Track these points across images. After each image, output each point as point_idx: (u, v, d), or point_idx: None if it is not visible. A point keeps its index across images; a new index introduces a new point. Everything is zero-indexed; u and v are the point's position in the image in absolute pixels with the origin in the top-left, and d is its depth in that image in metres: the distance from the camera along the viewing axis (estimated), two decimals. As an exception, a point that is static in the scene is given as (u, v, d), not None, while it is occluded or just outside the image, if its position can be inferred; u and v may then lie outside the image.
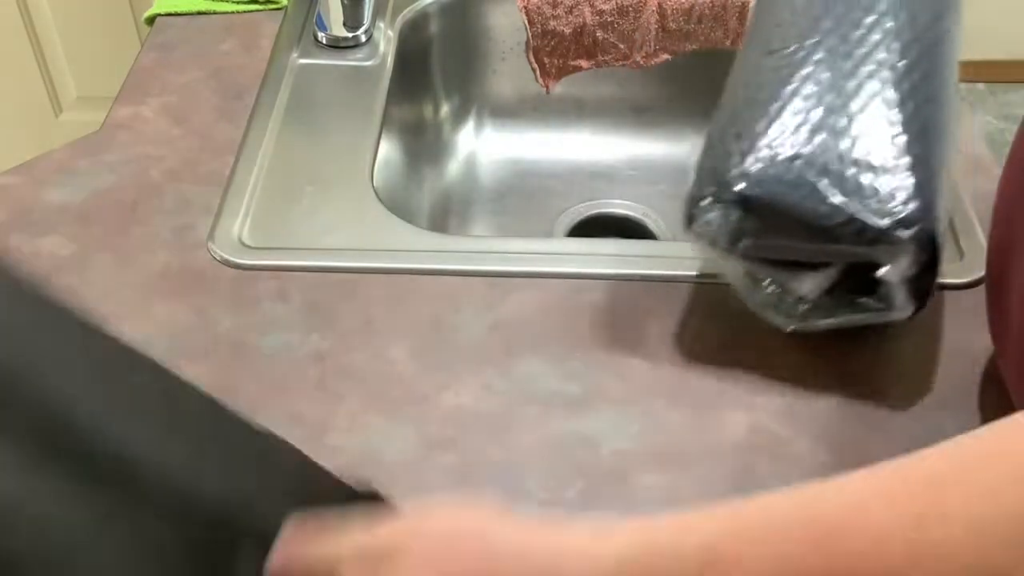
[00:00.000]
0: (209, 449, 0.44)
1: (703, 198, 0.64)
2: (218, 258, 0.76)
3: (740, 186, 0.63)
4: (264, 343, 0.71)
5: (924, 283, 0.63)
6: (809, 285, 0.65)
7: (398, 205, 0.86)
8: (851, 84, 0.66)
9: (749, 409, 0.67)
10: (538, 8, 1.04)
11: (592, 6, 1.04)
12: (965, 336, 0.70)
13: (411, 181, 1.01)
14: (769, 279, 0.68)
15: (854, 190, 0.61)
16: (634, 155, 1.10)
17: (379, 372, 0.69)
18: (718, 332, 0.72)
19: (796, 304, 0.67)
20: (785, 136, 0.64)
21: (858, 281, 0.65)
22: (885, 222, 0.60)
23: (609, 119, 1.11)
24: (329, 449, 0.64)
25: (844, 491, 0.36)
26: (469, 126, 1.11)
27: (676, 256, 0.76)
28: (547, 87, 1.09)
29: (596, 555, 0.38)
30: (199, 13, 1.01)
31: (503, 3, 1.05)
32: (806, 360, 0.69)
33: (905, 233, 0.60)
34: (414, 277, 0.76)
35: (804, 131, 0.64)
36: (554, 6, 1.04)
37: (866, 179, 0.62)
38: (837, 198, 0.61)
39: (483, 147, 1.11)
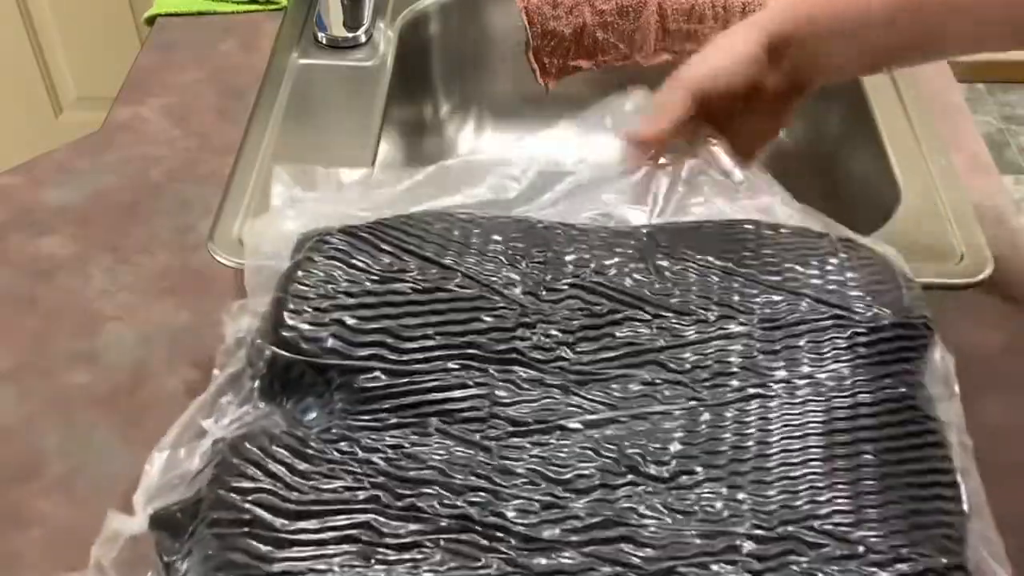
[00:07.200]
0: None
1: None
2: (218, 258, 0.76)
3: None
4: (264, 343, 0.71)
5: None
6: None
7: (398, 205, 0.86)
8: None
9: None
10: (538, 8, 1.04)
11: (592, 6, 1.04)
12: (967, 337, 0.70)
13: (411, 181, 1.01)
14: None
15: None
16: (634, 155, 1.10)
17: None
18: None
19: None
20: None
21: None
22: None
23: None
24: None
25: None
26: (469, 126, 1.11)
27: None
28: (547, 87, 1.09)
29: None
30: (199, 13, 1.01)
31: (503, 3, 1.05)
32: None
33: None
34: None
35: None
36: (554, 6, 1.04)
37: None
38: None
39: (483, 147, 1.11)
